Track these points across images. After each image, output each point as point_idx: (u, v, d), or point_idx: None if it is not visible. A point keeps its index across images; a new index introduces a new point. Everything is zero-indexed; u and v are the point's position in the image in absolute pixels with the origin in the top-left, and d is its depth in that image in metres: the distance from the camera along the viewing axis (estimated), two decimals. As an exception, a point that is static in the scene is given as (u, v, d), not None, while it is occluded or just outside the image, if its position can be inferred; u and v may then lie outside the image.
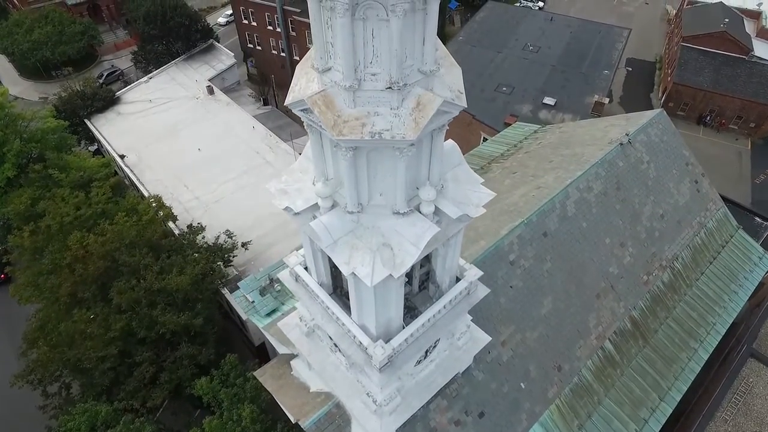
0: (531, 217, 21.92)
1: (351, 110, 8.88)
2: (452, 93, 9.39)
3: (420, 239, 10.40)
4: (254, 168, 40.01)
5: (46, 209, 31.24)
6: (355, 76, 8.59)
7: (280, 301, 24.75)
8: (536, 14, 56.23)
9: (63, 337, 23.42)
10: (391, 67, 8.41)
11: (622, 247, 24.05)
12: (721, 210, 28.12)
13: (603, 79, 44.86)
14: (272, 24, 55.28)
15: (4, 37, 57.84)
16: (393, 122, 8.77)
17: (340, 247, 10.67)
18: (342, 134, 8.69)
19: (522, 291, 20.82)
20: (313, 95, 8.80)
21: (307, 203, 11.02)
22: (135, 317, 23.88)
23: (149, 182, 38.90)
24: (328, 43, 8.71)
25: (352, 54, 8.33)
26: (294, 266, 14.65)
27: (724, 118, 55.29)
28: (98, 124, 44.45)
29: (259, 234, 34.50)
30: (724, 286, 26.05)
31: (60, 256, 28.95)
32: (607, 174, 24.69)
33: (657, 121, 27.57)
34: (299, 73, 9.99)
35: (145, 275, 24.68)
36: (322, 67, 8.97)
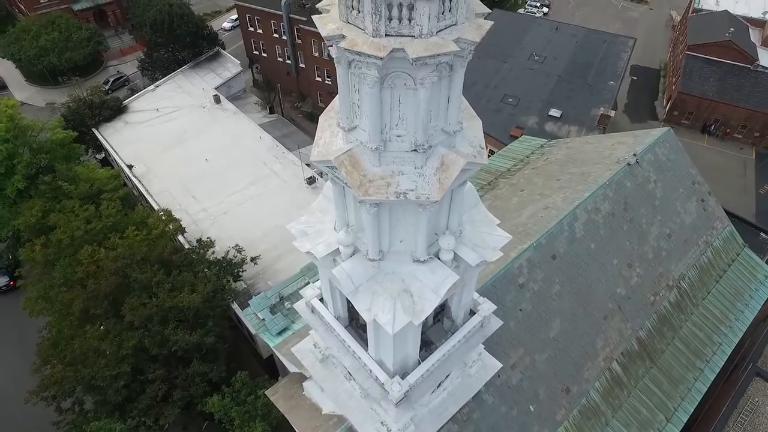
0: (540, 240, 22.13)
1: (376, 169, 9.11)
2: (473, 149, 9.63)
3: (440, 287, 10.64)
4: (261, 179, 40.24)
5: (56, 222, 31.57)
6: (381, 137, 8.83)
7: (290, 320, 25.03)
8: (542, 23, 56.29)
9: (77, 354, 23.73)
10: (417, 131, 8.64)
11: (630, 268, 24.27)
12: (728, 228, 28.30)
13: (608, 90, 45.00)
14: (278, 32, 55.45)
15: (11, 43, 58.09)
16: (417, 182, 9.01)
17: (362, 293, 10.92)
18: (368, 194, 8.93)
19: (531, 314, 21.06)
20: (339, 155, 9.04)
21: (328, 249, 11.27)
22: (147, 335, 24.17)
23: (157, 193, 39.15)
24: (354, 104, 8.94)
25: (378, 118, 8.56)
26: (310, 299, 14.88)
27: (728, 128, 55.43)
28: (106, 133, 44.71)
29: (266, 247, 34.76)
30: (730, 305, 26.26)
31: (71, 270, 29.28)
32: (614, 195, 24.89)
33: (664, 140, 27.74)
34: (323, 125, 10.23)
35: (157, 292, 24.96)
36: (348, 126, 9.20)
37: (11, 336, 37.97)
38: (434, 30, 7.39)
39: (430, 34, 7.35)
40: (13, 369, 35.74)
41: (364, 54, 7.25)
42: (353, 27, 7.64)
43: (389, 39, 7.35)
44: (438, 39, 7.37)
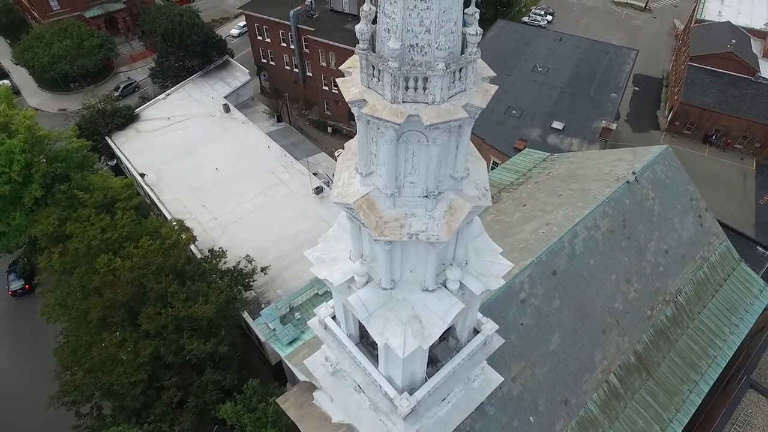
0: (541, 257, 23.04)
1: (391, 211, 10.08)
2: (479, 191, 10.57)
3: (447, 314, 11.59)
4: (270, 188, 41.27)
5: (73, 231, 32.68)
6: (395, 184, 9.79)
7: (300, 330, 26.08)
8: (546, 34, 57.15)
9: (96, 361, 24.80)
10: (428, 179, 9.60)
11: (628, 283, 25.15)
12: (724, 243, 29.12)
13: (611, 102, 45.82)
14: (286, 41, 56.47)
15: (25, 50, 59.37)
16: (428, 224, 9.96)
17: (375, 319, 11.88)
18: (383, 234, 9.89)
19: (532, 328, 21.97)
20: (358, 199, 10.00)
21: (344, 277, 12.22)
22: (163, 343, 25.22)
23: (169, 202, 40.24)
24: (372, 153, 9.90)
25: (394, 168, 9.52)
26: (324, 317, 15.85)
27: (729, 138, 56.11)
28: (119, 141, 45.85)
29: (275, 256, 35.79)
30: (725, 319, 27.11)
31: (88, 278, 30.41)
32: (614, 212, 25.77)
33: (663, 158, 28.58)
34: (341, 165, 11.20)
35: (173, 302, 26.00)
36: (365, 172, 10.17)
37: (28, 338, 39.16)
38: (446, 97, 8.34)
39: (442, 101, 8.30)
40: (29, 370, 36.98)
41: (384, 120, 8.20)
42: (374, 92, 8.60)
43: (406, 105, 8.30)
44: (449, 105, 8.32)
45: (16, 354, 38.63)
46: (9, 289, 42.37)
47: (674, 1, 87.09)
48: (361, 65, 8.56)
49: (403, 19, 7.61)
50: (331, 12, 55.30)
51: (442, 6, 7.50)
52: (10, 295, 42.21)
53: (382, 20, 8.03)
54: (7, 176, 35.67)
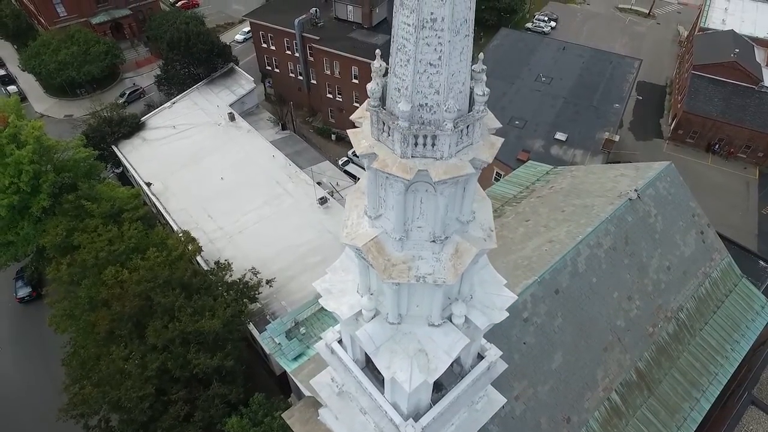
0: (544, 275, 23.29)
1: (398, 254, 10.38)
2: (484, 232, 10.86)
3: (452, 349, 11.89)
4: (275, 198, 41.60)
5: (81, 242, 33.08)
6: (403, 229, 10.09)
7: (305, 345, 26.39)
8: (549, 42, 57.30)
9: (104, 375, 25.18)
10: (435, 225, 9.89)
11: (630, 301, 25.38)
12: (726, 259, 29.32)
13: (614, 113, 46.00)
14: (291, 49, 56.79)
15: (32, 57, 59.82)
16: (435, 266, 10.26)
17: (382, 352, 12.18)
18: (391, 277, 10.19)
19: (534, 347, 22.24)
20: (367, 242, 10.30)
21: (352, 311, 12.52)
22: (170, 357, 25.58)
23: (175, 211, 40.61)
24: (380, 198, 10.20)
25: (402, 214, 9.82)
26: (331, 342, 16.15)
27: (732, 147, 56.22)
28: (125, 150, 46.26)
29: (280, 267, 36.14)
30: (726, 336, 27.32)
31: (96, 290, 30.80)
32: (616, 229, 26.00)
33: (665, 175, 28.82)
34: (350, 204, 11.51)
35: (180, 317, 26.36)
36: (374, 215, 10.47)
37: (34, 345, 39.61)
38: (454, 152, 8.64)
39: (450, 155, 8.60)
40: (36, 377, 37.48)
41: (393, 175, 8.50)
42: (383, 146, 8.90)
43: (415, 160, 8.60)
44: (457, 160, 8.61)
45: (22, 360, 39.08)
46: (17, 296, 42.86)
47: (678, 8, 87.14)
48: (372, 119, 8.86)
49: (413, 81, 7.91)
50: (336, 20, 55.61)
51: (451, 70, 7.79)
52: (17, 302, 42.69)
53: (393, 79, 8.32)
54: (15, 186, 36.09)
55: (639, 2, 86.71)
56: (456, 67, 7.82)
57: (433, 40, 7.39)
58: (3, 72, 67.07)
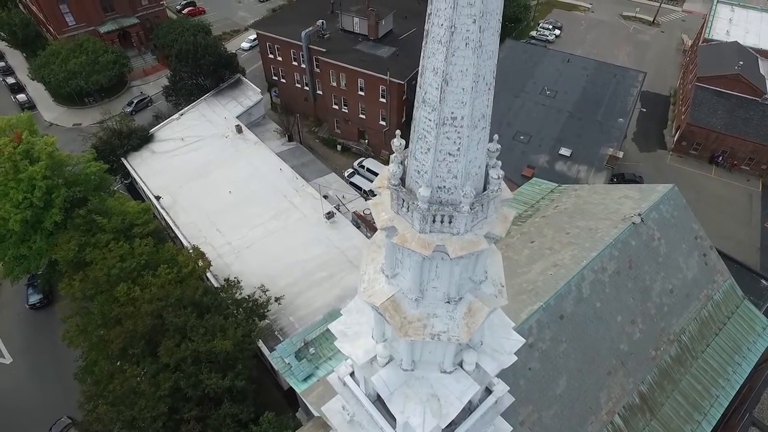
0: (549, 301, 23.80)
1: (414, 311, 10.91)
2: (495, 288, 11.37)
3: (464, 395, 12.43)
4: (282, 212, 42.15)
5: (93, 258, 33.71)
6: (419, 290, 10.61)
7: (314, 365, 26.99)
8: (554, 54, 57.62)
9: (118, 394, 25.82)
10: (450, 287, 10.42)
11: (633, 324, 25.88)
12: (728, 281, 29.76)
13: (618, 128, 46.37)
14: (297, 60, 57.29)
15: (41, 66, 60.50)
16: (449, 324, 10.78)
17: (396, 397, 12.72)
18: (407, 335, 10.72)
19: (539, 372, 22.77)
20: (384, 301, 10.84)
21: (367, 356, 13.05)
22: (182, 376, 26.19)
23: (183, 225, 41.20)
24: (398, 259, 10.73)
25: (418, 278, 10.35)
26: (344, 376, 16.69)
27: (736, 159, 56.51)
28: (134, 163, 46.88)
29: (287, 282, 36.70)
30: (728, 358, 27.77)
31: (108, 307, 31.44)
32: (620, 254, 26.48)
33: (669, 198, 29.27)
34: (367, 258, 12.03)
35: (192, 336, 26.97)
36: (390, 274, 10.99)
37: (45, 351, 40.27)
38: (469, 227, 9.16)
39: (466, 231, 9.12)
40: (47, 382, 38.19)
41: (412, 250, 9.03)
42: (402, 220, 9.43)
43: (432, 236, 9.12)
44: (472, 236, 9.13)
45: (33, 367, 39.74)
46: (28, 302, 43.61)
47: (682, 16, 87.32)
48: (392, 195, 9.38)
49: (432, 167, 8.43)
50: (342, 32, 56.07)
51: (469, 158, 8.30)
52: (28, 308, 43.46)
53: (413, 162, 8.84)
54: (28, 201, 36.70)
55: (643, 10, 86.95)
56: (473, 155, 8.34)
57: (452, 134, 7.91)
58: (12, 80, 67.70)
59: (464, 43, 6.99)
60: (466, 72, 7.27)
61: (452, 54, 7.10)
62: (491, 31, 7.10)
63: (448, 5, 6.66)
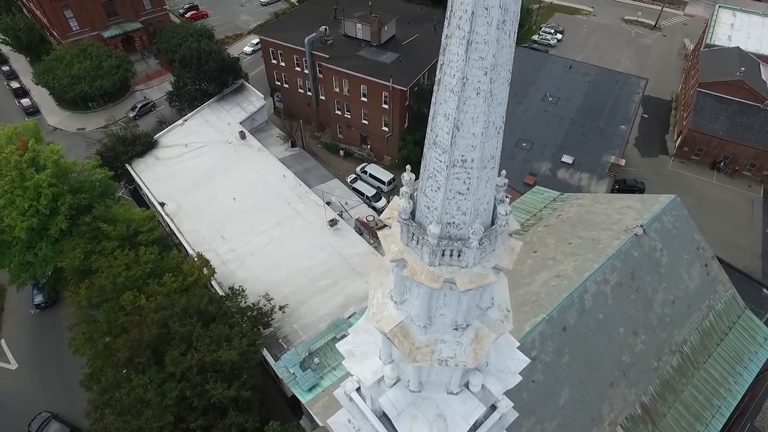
0: (552, 313, 24.02)
1: (422, 337, 11.14)
2: (501, 313, 11.60)
3: (470, 416, 12.65)
4: (285, 219, 42.37)
5: (98, 266, 33.99)
6: (427, 316, 10.84)
7: (319, 375, 27.24)
8: (555, 60, 57.80)
9: (125, 404, 26.09)
10: (458, 315, 10.65)
11: (635, 336, 26.08)
12: (730, 291, 29.95)
13: (620, 135, 46.56)
14: (300, 65, 57.52)
15: (46, 71, 60.81)
16: (456, 350, 11.01)
17: (403, 417, 12.96)
18: (416, 360, 10.95)
19: (542, 384, 22.99)
20: (393, 327, 11.07)
21: (375, 377, 13.29)
22: (188, 386, 26.45)
23: (188, 232, 41.45)
24: (406, 286, 10.96)
25: (427, 306, 10.58)
26: (350, 392, 16.93)
27: (737, 165, 56.65)
28: (138, 169, 47.14)
29: (291, 290, 36.93)
30: (729, 368, 27.97)
31: (114, 316, 31.72)
32: (622, 265, 26.68)
33: (670, 208, 29.45)
34: (375, 282, 12.26)
35: (197, 346, 27.23)
36: (399, 300, 11.23)
37: (50, 356, 40.59)
38: (477, 260, 9.38)
39: (475, 264, 9.34)
40: (53, 388, 38.48)
41: (422, 283, 9.26)
42: (412, 252, 9.66)
43: (442, 268, 9.35)
44: (480, 269, 9.36)
45: (38, 372, 40.03)
46: (33, 302, 44.08)
47: (684, 20, 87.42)
48: (402, 228, 9.61)
49: (442, 205, 8.66)
50: (345, 37, 56.30)
51: (478, 196, 8.53)
52: (34, 307, 43.88)
53: (423, 198, 9.07)
54: (34, 209, 36.99)
55: (645, 14, 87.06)
56: (482, 192, 8.56)
57: (462, 175, 8.14)
58: (17, 85, 68.02)
59: (475, 93, 7.22)
60: (477, 119, 7.50)
61: (463, 102, 7.33)
62: (501, 80, 7.33)
63: (460, 58, 6.89)
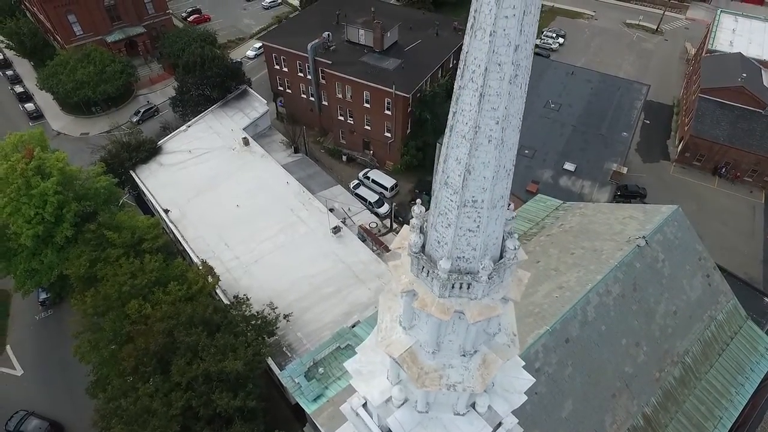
0: (555, 325, 24.24)
1: (431, 362, 11.36)
2: (508, 338, 11.82)
3: (476, 437, 12.85)
4: (289, 226, 42.60)
5: (104, 275, 34.26)
6: (436, 342, 11.06)
7: (323, 385, 27.48)
8: (557, 66, 57.97)
9: (132, 414, 26.35)
10: (465, 342, 10.86)
11: (637, 347, 26.29)
12: (731, 302, 30.14)
13: (621, 142, 46.74)
14: (303, 71, 57.74)
15: (50, 76, 61.06)
16: (464, 375, 11.23)
17: (411, 438, 13.17)
18: (424, 385, 11.17)
19: (546, 396, 23.21)
20: (402, 353, 11.29)
21: (383, 397, 13.50)
22: (194, 396, 26.70)
23: (192, 239, 41.68)
24: (414, 313, 11.17)
25: (435, 333, 10.79)
26: (357, 407, 17.15)
27: (739, 171, 56.80)
28: (142, 176, 47.38)
29: (295, 297, 37.18)
30: (731, 379, 28.17)
31: (120, 324, 31.98)
32: (624, 276, 26.89)
33: (672, 219, 29.65)
34: (383, 306, 12.47)
35: (203, 356, 27.47)
36: (408, 325, 11.45)
37: (55, 362, 40.90)
38: (486, 292, 9.61)
39: (484, 296, 9.57)
40: (58, 394, 38.79)
41: (432, 315, 9.49)
42: (422, 283, 9.88)
43: (452, 300, 9.58)
44: (489, 300, 9.58)
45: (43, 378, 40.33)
46: (39, 299, 44.44)
47: (685, 23, 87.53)
48: (412, 260, 9.83)
49: (453, 241, 8.88)
50: (348, 43, 56.49)
51: (487, 233, 8.75)
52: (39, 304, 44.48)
53: (433, 233, 9.30)
54: (40, 217, 37.25)
55: (647, 18, 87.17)
56: (492, 229, 8.78)
57: (473, 214, 8.36)
58: (21, 89, 68.29)
59: (487, 140, 7.44)
60: (488, 164, 7.71)
61: (475, 149, 7.54)
62: (512, 128, 7.54)
63: (473, 108, 7.10)
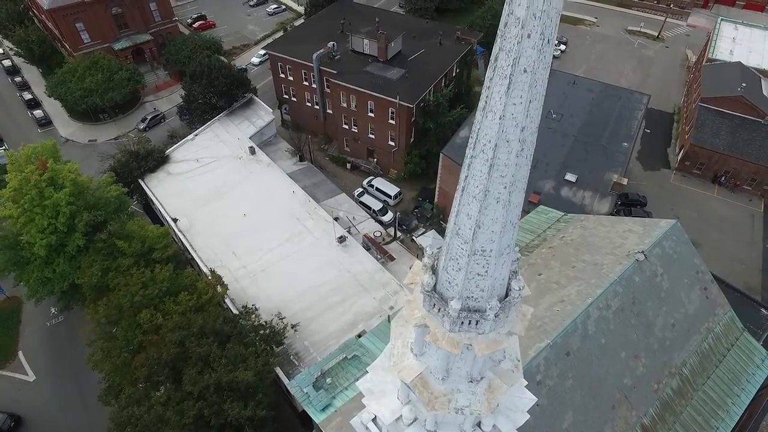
0: (556, 339, 25.02)
1: (440, 386, 12.18)
2: (512, 363, 12.63)
3: (482, 456, 13.66)
4: (295, 235, 43.45)
5: (115, 285, 35.16)
6: (445, 369, 11.88)
7: (331, 395, 28.30)
8: (559, 76, 58.58)
9: (146, 423, 27.22)
10: (473, 370, 11.68)
11: (636, 359, 27.05)
12: (728, 314, 30.88)
13: (622, 152, 47.45)
14: (308, 80, 58.57)
15: (58, 84, 62.00)
16: (471, 399, 12.04)
17: (420, 455, 13.98)
18: (434, 408, 11.99)
19: (547, 408, 23.99)
20: (414, 378, 12.11)
21: (393, 416, 14.32)
22: (205, 405, 27.56)
23: (200, 248, 42.55)
24: (425, 341, 11.98)
25: (445, 361, 11.61)
26: (367, 422, 17.97)
27: (738, 179, 57.49)
28: (151, 185, 48.26)
29: (301, 307, 38.02)
30: (728, 390, 28.92)
31: (132, 333, 32.88)
32: (624, 290, 27.66)
33: (671, 233, 30.40)
34: (395, 332, 13.29)
35: (215, 366, 28.34)
36: (419, 352, 12.26)
37: (67, 368, 41.80)
38: (493, 327, 10.42)
39: (491, 331, 10.38)
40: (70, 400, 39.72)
41: (443, 348, 10.30)
42: (433, 318, 10.69)
43: (461, 335, 10.39)
44: (495, 335, 10.39)
45: (55, 384, 41.24)
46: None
47: (687, 30, 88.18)
48: (425, 298, 10.65)
49: (463, 284, 9.68)
50: (352, 52, 57.31)
51: (495, 276, 9.55)
52: None
53: (444, 275, 10.10)
54: (53, 227, 38.17)
55: (648, 25, 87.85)
56: (499, 273, 9.58)
57: (482, 261, 9.17)
58: (29, 96, 69.25)
59: (495, 201, 8.24)
60: (496, 220, 8.51)
61: (485, 208, 8.34)
62: (519, 190, 8.33)
63: (483, 174, 7.90)
